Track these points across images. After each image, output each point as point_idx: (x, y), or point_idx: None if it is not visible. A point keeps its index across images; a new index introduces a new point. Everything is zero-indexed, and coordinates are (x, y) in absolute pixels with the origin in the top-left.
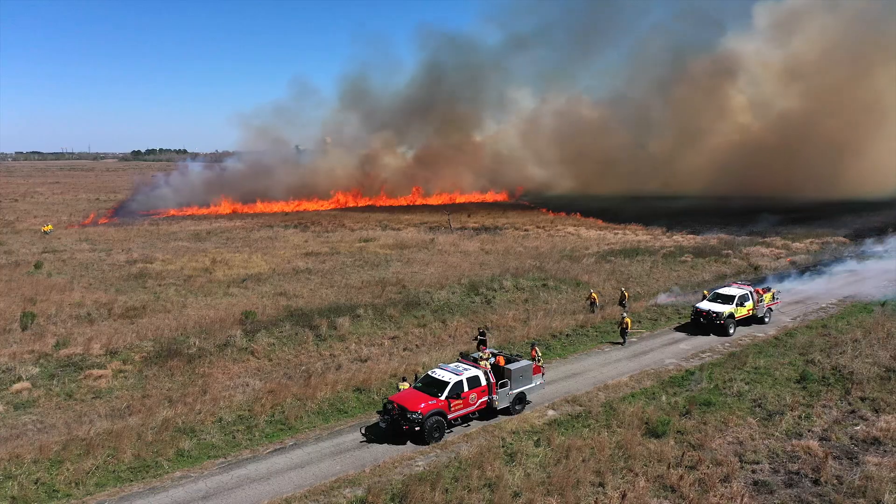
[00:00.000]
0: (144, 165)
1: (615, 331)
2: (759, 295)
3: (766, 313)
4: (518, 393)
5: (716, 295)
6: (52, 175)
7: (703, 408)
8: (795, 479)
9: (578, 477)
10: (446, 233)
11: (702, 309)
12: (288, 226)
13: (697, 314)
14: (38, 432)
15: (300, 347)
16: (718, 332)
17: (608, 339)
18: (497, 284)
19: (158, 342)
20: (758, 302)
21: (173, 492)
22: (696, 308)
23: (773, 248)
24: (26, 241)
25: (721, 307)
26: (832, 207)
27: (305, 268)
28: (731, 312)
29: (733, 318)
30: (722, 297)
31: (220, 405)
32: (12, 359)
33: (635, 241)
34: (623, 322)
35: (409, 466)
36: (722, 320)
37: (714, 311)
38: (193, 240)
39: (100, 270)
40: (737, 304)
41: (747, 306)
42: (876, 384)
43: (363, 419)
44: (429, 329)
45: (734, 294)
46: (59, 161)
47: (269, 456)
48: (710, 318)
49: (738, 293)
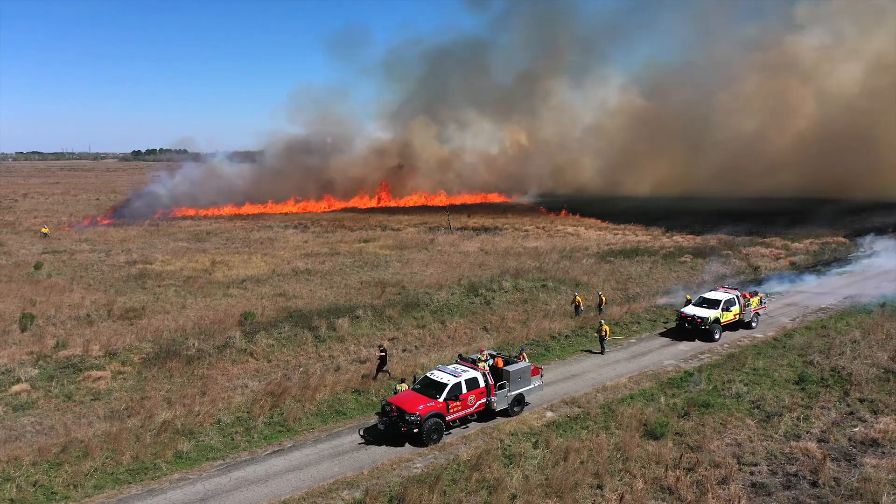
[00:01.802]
0: (145, 165)
1: (594, 337)
2: (746, 299)
3: (754, 318)
4: (516, 394)
5: (701, 299)
6: (53, 175)
7: (702, 409)
8: (793, 480)
9: (577, 479)
10: (446, 233)
11: (686, 314)
12: (288, 226)
13: (682, 319)
14: (36, 434)
15: (299, 349)
16: (703, 337)
17: (586, 346)
18: (496, 285)
19: (157, 343)
20: (745, 306)
21: (171, 494)
22: (681, 313)
23: (772, 248)
24: (26, 241)
25: (706, 312)
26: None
27: (305, 268)
28: (717, 317)
29: (719, 323)
30: (707, 302)
31: (218, 407)
32: (11, 360)
33: (635, 241)
34: (601, 329)
35: (407, 468)
36: (707, 325)
37: (699, 315)
38: (193, 240)
39: (99, 271)
40: (722, 309)
41: (733, 311)
42: (875, 385)
43: (362, 421)
44: (428, 330)
45: (720, 298)
46: (60, 161)
47: (268, 458)
48: (695, 323)
49: (723, 297)
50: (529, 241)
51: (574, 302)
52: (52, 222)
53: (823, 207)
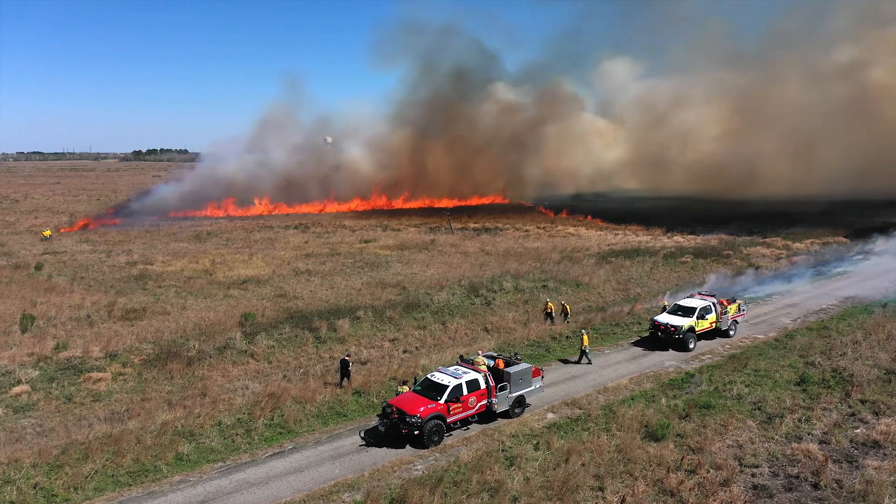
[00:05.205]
0: (146, 165)
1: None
2: (724, 306)
3: (732, 326)
4: (517, 396)
5: (676, 307)
6: (54, 175)
7: (703, 411)
8: (795, 482)
9: (578, 481)
10: (447, 233)
11: (660, 322)
12: (288, 227)
13: (655, 328)
14: (37, 436)
15: (300, 350)
16: (677, 347)
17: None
18: (497, 286)
19: (158, 345)
20: (721, 314)
21: (172, 496)
22: (654, 321)
23: (773, 248)
24: (27, 242)
25: (680, 320)
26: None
27: (305, 269)
28: (691, 326)
29: (693, 332)
30: (682, 310)
31: (219, 408)
32: (12, 361)
33: (635, 241)
34: (582, 340)
35: (408, 470)
36: (681, 335)
37: (672, 324)
38: (194, 241)
39: (100, 272)
40: (697, 317)
41: (709, 319)
42: (876, 386)
43: (362, 423)
44: (428, 331)
45: (695, 306)
46: (61, 161)
47: (268, 460)
48: (668, 331)
49: (699, 305)
50: (530, 241)
51: (546, 309)
52: (52, 223)
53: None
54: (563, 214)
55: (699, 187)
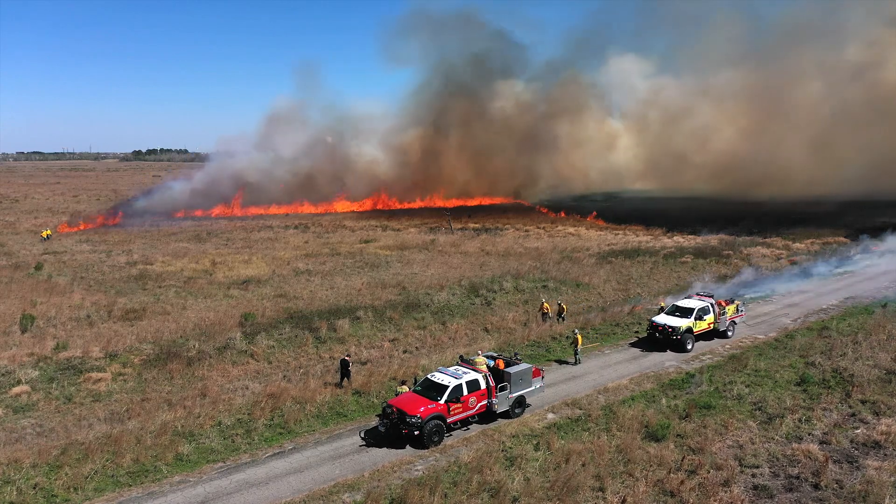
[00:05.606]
0: (146, 165)
1: (567, 348)
2: (722, 307)
3: (730, 327)
4: (517, 396)
5: (674, 307)
6: (54, 175)
7: (703, 411)
8: (795, 483)
9: (578, 482)
10: (447, 234)
11: (657, 323)
12: (288, 227)
13: (653, 329)
14: (36, 436)
15: (300, 350)
16: (675, 348)
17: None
18: (497, 286)
19: (158, 345)
20: (719, 315)
21: (172, 497)
22: (652, 322)
23: (773, 248)
24: (27, 242)
25: (678, 321)
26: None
27: (305, 269)
28: (689, 327)
29: (691, 333)
30: (680, 311)
31: (219, 408)
32: (12, 361)
33: (636, 241)
34: (575, 339)
35: (408, 471)
36: (678, 335)
37: (670, 325)
38: (194, 241)
39: (100, 272)
40: (695, 318)
41: (707, 320)
42: (876, 386)
43: (362, 423)
44: (428, 331)
45: (693, 307)
46: (61, 161)
47: (268, 460)
48: (666, 332)
49: (697, 305)
50: (530, 241)
51: (542, 309)
52: (52, 223)
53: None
54: (561, 214)
55: (714, 187)
